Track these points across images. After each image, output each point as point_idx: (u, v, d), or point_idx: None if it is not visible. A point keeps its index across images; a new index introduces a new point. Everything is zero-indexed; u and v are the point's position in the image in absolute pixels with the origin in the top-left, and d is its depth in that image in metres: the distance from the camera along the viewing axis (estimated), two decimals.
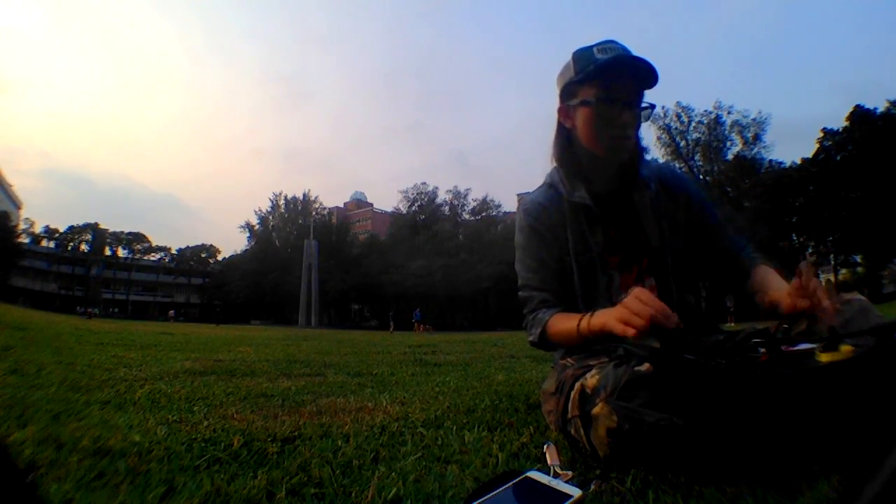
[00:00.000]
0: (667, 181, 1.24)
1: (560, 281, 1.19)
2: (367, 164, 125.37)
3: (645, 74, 1.08)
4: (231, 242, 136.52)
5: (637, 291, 0.90)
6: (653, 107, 1.13)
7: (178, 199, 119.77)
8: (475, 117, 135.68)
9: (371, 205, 75.47)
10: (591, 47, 1.11)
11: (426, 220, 49.06)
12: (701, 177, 35.99)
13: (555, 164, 1.26)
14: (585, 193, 1.17)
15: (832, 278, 34.10)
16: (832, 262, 33.68)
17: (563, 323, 1.10)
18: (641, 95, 1.12)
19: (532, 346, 1.22)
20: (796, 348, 0.83)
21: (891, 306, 11.22)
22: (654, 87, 1.11)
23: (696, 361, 0.83)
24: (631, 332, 0.87)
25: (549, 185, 1.25)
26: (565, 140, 1.21)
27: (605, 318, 0.96)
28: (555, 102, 1.21)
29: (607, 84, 1.09)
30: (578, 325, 1.03)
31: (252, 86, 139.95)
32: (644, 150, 1.22)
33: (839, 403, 0.76)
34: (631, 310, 0.88)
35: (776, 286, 1.03)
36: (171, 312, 42.76)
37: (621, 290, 1.18)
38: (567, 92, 1.17)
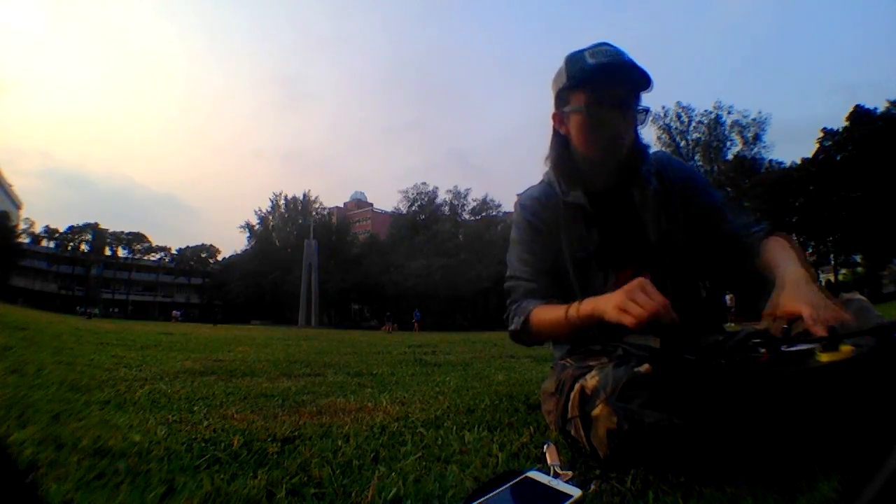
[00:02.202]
0: (665, 173, 1.22)
1: (551, 276, 1.18)
2: (367, 164, 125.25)
3: (636, 78, 1.07)
4: (231, 242, 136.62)
5: (641, 282, 0.88)
6: (647, 111, 1.11)
7: (178, 199, 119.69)
8: (475, 117, 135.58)
9: (371, 205, 75.47)
10: (583, 51, 1.10)
11: (426, 220, 49.07)
12: None
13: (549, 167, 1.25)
14: (581, 193, 1.17)
15: (832, 278, 34.11)
16: (832, 262, 33.68)
17: (549, 312, 1.09)
18: (636, 98, 1.11)
19: (512, 338, 1.21)
20: (796, 348, 0.83)
21: (891, 306, 11.20)
22: (654, 89, 1.09)
23: (695, 361, 0.83)
24: (629, 319, 0.86)
25: (548, 183, 1.24)
26: (561, 145, 1.20)
27: (597, 302, 0.95)
28: (552, 103, 1.21)
29: (597, 90, 1.08)
30: (567, 312, 1.02)
31: (252, 86, 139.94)
32: (646, 147, 1.20)
33: (839, 403, 0.76)
34: (634, 299, 0.87)
35: (782, 277, 0.97)
36: (175, 312, 42.85)
37: (616, 289, 1.17)
38: (560, 98, 1.16)
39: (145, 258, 62.22)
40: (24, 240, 51.68)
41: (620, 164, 1.15)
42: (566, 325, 1.04)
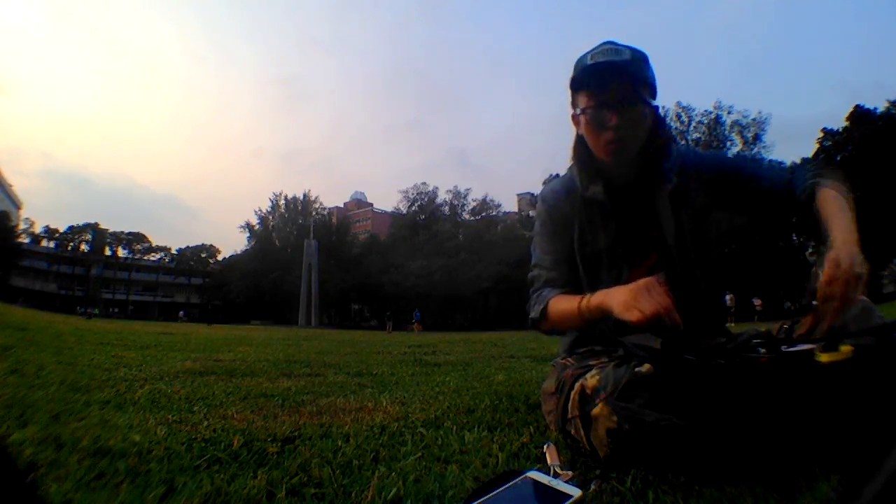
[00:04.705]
0: (687, 167, 1.19)
1: (571, 267, 1.19)
2: (367, 164, 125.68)
3: (634, 74, 1.07)
4: (231, 242, 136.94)
5: (649, 282, 0.90)
6: (654, 107, 1.11)
7: (178, 199, 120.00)
8: (475, 117, 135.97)
9: (371, 205, 75.56)
10: (587, 53, 1.10)
11: (426, 220, 49.10)
12: None
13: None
14: (601, 188, 1.16)
15: None
16: None
17: (565, 302, 1.11)
18: (639, 95, 1.09)
19: (531, 326, 1.22)
20: (796, 349, 0.83)
21: (891, 306, 11.20)
22: (660, 84, 1.10)
23: (696, 362, 0.83)
24: (634, 315, 0.87)
25: (570, 177, 1.24)
26: (581, 143, 1.20)
27: (605, 297, 0.97)
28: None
29: (595, 91, 1.09)
30: (579, 303, 1.04)
31: (252, 86, 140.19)
32: (668, 142, 1.17)
33: (839, 404, 0.76)
34: (639, 298, 0.88)
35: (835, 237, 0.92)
36: (180, 313, 42.99)
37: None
38: (572, 101, 1.18)
39: (145, 258, 62.28)
40: (24, 240, 51.72)
41: (643, 160, 1.15)
42: (578, 317, 1.05)
